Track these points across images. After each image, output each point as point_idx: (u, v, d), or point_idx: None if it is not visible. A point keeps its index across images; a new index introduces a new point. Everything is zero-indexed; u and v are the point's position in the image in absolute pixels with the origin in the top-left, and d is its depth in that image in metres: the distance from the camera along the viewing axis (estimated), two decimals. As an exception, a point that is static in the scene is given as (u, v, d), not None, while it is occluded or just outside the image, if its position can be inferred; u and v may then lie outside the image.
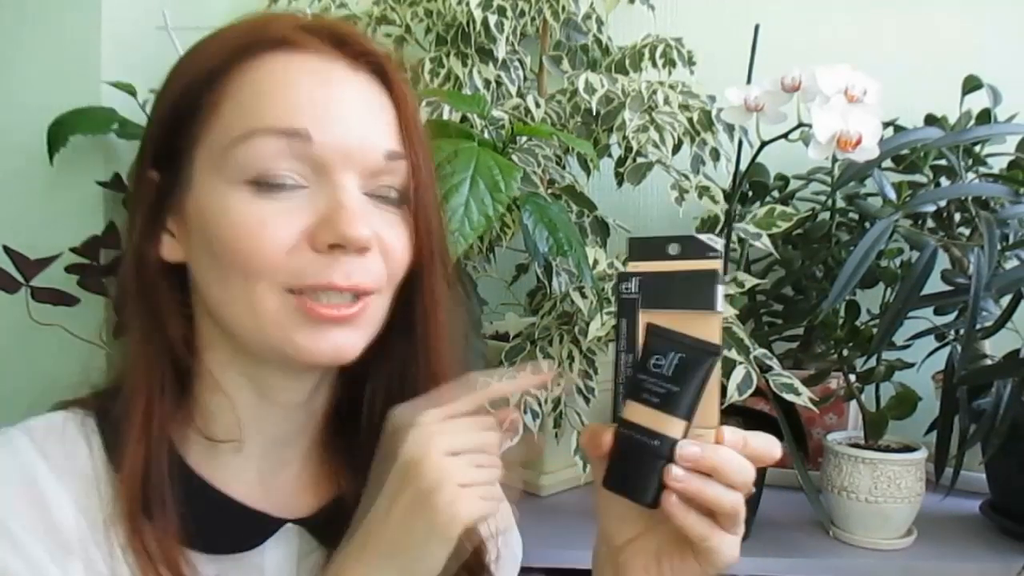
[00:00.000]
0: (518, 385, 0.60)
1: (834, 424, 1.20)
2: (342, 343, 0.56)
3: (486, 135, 0.92)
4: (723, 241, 0.53)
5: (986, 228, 0.96)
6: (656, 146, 1.00)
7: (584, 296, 0.97)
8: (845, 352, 1.09)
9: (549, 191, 1.00)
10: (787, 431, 0.99)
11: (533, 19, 1.10)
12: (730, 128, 1.06)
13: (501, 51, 1.04)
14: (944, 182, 1.16)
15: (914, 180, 1.17)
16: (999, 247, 0.98)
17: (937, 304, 1.06)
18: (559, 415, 1.03)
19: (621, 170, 1.07)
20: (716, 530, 0.53)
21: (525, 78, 1.11)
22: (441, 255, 0.62)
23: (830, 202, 1.14)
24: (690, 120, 1.04)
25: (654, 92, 1.02)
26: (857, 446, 1.04)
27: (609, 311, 0.93)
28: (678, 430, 0.52)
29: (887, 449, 1.03)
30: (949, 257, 1.12)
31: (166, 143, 0.58)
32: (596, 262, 0.96)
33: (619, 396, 0.56)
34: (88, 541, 0.55)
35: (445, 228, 0.67)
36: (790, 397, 0.91)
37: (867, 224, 1.09)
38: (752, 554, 0.97)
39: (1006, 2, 1.32)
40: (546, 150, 0.97)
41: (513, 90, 1.08)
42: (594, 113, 1.02)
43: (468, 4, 1.01)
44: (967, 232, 1.14)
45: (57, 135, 0.95)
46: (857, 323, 1.09)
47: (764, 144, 0.93)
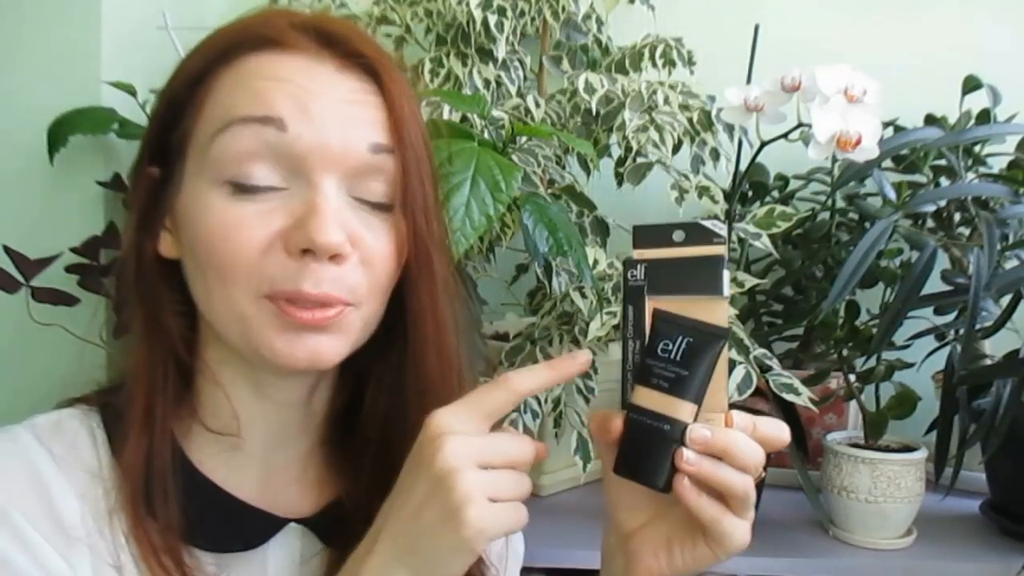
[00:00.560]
0: (558, 375, 0.55)
1: (834, 424, 1.20)
2: (319, 349, 0.55)
3: (486, 135, 0.92)
4: (726, 226, 0.53)
5: (986, 228, 0.96)
6: (656, 146, 1.00)
7: (584, 296, 0.97)
8: (845, 352, 1.09)
9: (549, 191, 1.00)
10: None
11: (533, 19, 1.10)
12: (730, 128, 1.06)
13: (501, 51, 1.04)
14: (944, 182, 1.16)
15: (914, 180, 1.17)
16: (999, 247, 0.98)
17: (937, 304, 1.06)
18: (559, 415, 1.03)
19: (621, 170, 1.07)
20: (727, 514, 0.53)
21: (525, 78, 1.11)
22: (441, 256, 0.61)
23: (830, 202, 1.14)
24: (690, 120, 1.04)
25: (654, 92, 1.02)
26: (857, 446, 1.04)
27: (609, 311, 0.93)
28: (688, 414, 0.52)
29: (887, 449, 1.03)
30: (949, 257, 1.12)
31: (162, 140, 0.58)
32: (596, 262, 0.96)
33: (627, 382, 0.56)
34: (93, 532, 0.55)
35: (447, 228, 0.65)
36: (790, 397, 0.91)
37: (867, 224, 1.09)
38: (752, 554, 0.97)
39: (1006, 2, 1.32)
40: (546, 150, 0.97)
41: (513, 90, 1.08)
42: (594, 113, 1.02)
43: (468, 4, 1.01)
44: (967, 232, 1.14)
45: (57, 135, 0.95)
46: (857, 323, 1.09)
47: (764, 144, 0.93)
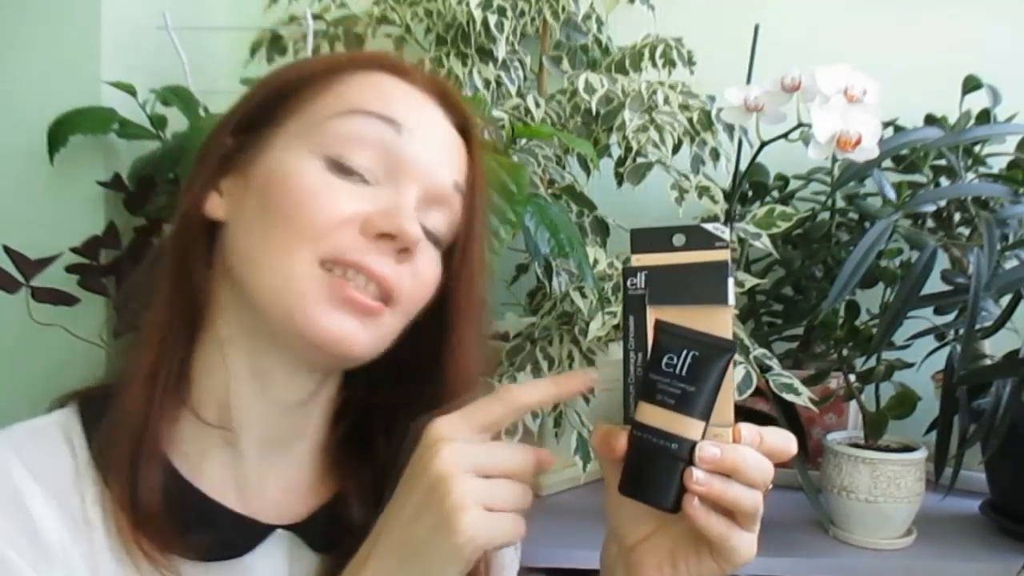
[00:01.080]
0: (560, 392, 0.55)
1: (834, 424, 1.20)
2: (353, 333, 0.56)
3: (486, 135, 0.92)
4: (728, 229, 0.52)
5: (986, 228, 0.96)
6: (656, 146, 1.00)
7: (584, 296, 0.97)
8: (845, 352, 1.09)
9: (549, 191, 1.00)
10: (787, 431, 0.99)
11: (533, 19, 1.10)
12: (730, 128, 1.06)
13: (501, 51, 1.04)
14: (944, 182, 1.16)
15: (914, 180, 1.17)
16: (999, 247, 0.98)
17: (937, 304, 1.06)
18: (559, 415, 1.03)
19: (621, 170, 1.07)
20: (735, 529, 0.52)
21: (525, 78, 1.11)
22: (480, 306, 0.65)
23: (830, 202, 1.14)
24: (690, 120, 1.04)
25: (654, 92, 1.02)
26: (857, 446, 1.04)
27: (609, 311, 0.93)
28: (696, 431, 0.51)
29: (887, 449, 1.03)
30: (949, 257, 1.12)
31: (257, 113, 0.61)
32: (596, 262, 0.96)
33: (629, 397, 0.54)
34: (70, 547, 0.54)
35: (487, 277, 0.68)
36: (790, 397, 0.91)
37: (867, 224, 1.09)
38: (752, 554, 0.97)
39: (1006, 2, 1.32)
40: (546, 150, 0.97)
41: (513, 90, 1.08)
42: (594, 113, 1.02)
43: (468, 4, 1.01)
44: (967, 232, 1.14)
45: (57, 135, 0.95)
46: (857, 323, 1.09)
47: (764, 144, 0.93)
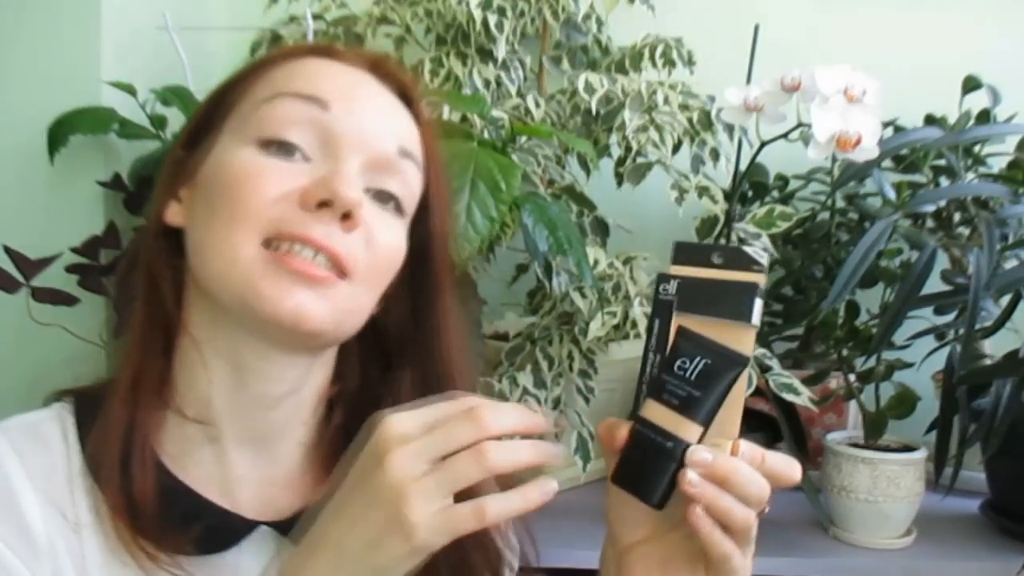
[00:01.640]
0: (508, 425, 0.49)
1: (834, 424, 1.20)
2: (306, 304, 0.55)
3: (486, 135, 0.93)
4: (768, 256, 0.52)
5: (986, 228, 0.96)
6: (656, 146, 1.00)
7: (584, 296, 0.97)
8: (845, 352, 1.09)
9: (549, 191, 1.00)
10: (787, 431, 0.99)
11: (533, 19, 1.10)
12: (730, 128, 1.06)
13: (501, 51, 1.04)
14: (944, 182, 1.16)
15: (914, 180, 1.16)
16: (999, 247, 0.98)
17: (937, 304, 1.06)
18: (559, 415, 1.03)
19: (621, 170, 1.07)
20: (739, 548, 0.52)
21: (525, 78, 1.11)
22: (451, 274, 0.64)
23: (830, 202, 1.14)
24: (690, 120, 1.04)
25: (654, 92, 1.02)
26: (857, 446, 1.04)
27: (609, 311, 0.93)
28: (694, 435, 0.52)
29: (887, 449, 1.03)
30: (949, 257, 1.12)
31: (201, 123, 0.62)
32: (596, 262, 0.96)
33: (641, 394, 0.56)
34: (57, 542, 0.55)
35: (454, 247, 0.68)
36: (790, 397, 0.91)
37: (867, 224, 1.09)
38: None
39: (1006, 2, 1.32)
40: (546, 150, 0.97)
41: (513, 90, 1.08)
42: (594, 113, 1.02)
43: (468, 4, 1.01)
44: (967, 232, 1.13)
45: (57, 135, 0.95)
46: (857, 323, 1.09)
47: (764, 144, 0.93)
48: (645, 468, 0.53)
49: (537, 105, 1.05)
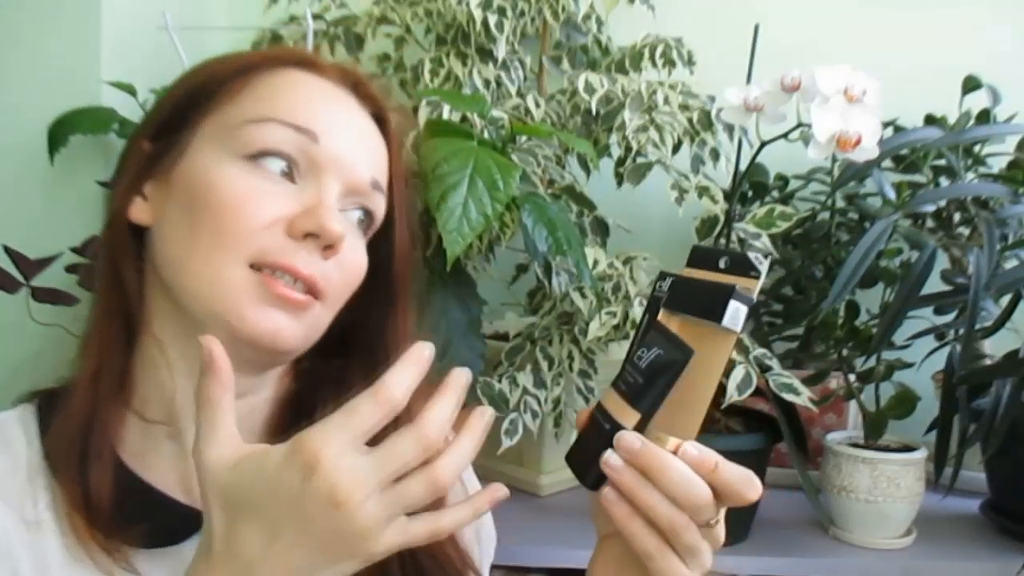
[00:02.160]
0: (411, 384, 0.47)
1: (834, 424, 1.20)
2: (283, 327, 0.57)
3: (486, 135, 0.92)
4: (768, 263, 0.52)
5: (986, 228, 0.96)
6: (656, 146, 1.00)
7: (584, 296, 0.97)
8: (845, 352, 1.09)
9: (549, 191, 1.00)
10: (787, 431, 0.99)
11: (533, 19, 1.10)
12: (730, 128, 1.06)
13: (501, 51, 1.04)
14: (944, 182, 1.16)
15: (914, 180, 1.16)
16: (999, 247, 0.98)
17: (937, 304, 1.06)
18: (559, 415, 1.03)
19: (621, 170, 1.07)
20: (667, 553, 0.50)
21: (525, 78, 1.11)
22: (408, 285, 0.68)
23: (830, 202, 1.14)
24: (690, 120, 1.04)
25: (654, 92, 1.02)
26: (857, 446, 1.04)
27: (609, 311, 0.93)
28: (631, 421, 0.51)
29: (887, 449, 1.03)
30: (949, 257, 1.12)
31: (172, 117, 0.62)
32: (596, 262, 0.96)
33: None
34: (14, 543, 0.55)
35: (413, 268, 0.70)
36: (790, 397, 0.91)
37: (867, 224, 1.09)
38: (751, 554, 0.97)
39: (1006, 2, 1.32)
40: (546, 150, 0.97)
41: (513, 90, 1.08)
42: (594, 113, 1.02)
43: (468, 4, 1.01)
44: (967, 232, 1.14)
45: (57, 135, 0.95)
46: (857, 323, 1.09)
47: (764, 144, 0.93)
48: (586, 450, 0.54)
49: (537, 105, 1.04)
